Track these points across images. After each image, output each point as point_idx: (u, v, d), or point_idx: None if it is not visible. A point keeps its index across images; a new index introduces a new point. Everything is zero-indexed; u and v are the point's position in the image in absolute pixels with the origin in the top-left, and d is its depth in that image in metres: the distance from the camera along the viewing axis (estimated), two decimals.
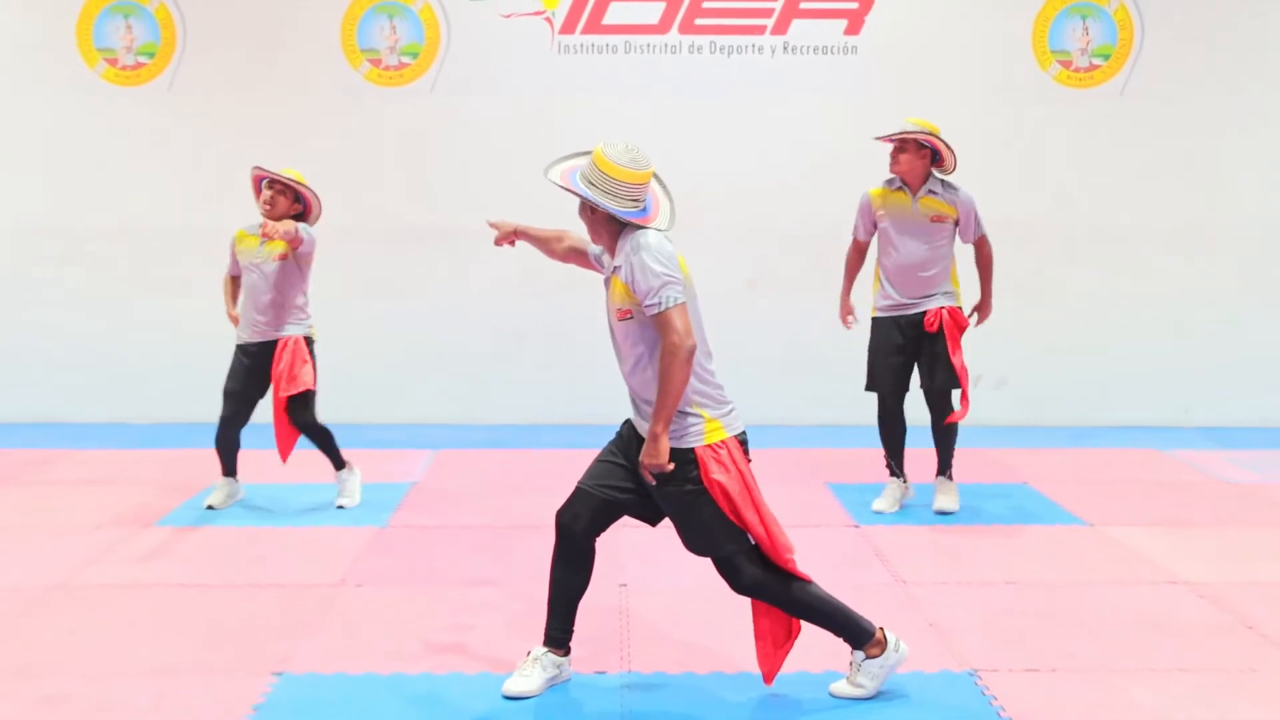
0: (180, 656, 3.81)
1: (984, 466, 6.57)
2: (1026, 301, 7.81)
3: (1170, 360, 7.86)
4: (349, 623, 4.14)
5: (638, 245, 3.28)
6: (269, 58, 7.74)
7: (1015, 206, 7.66)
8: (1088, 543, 5.17)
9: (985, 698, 3.52)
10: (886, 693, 3.53)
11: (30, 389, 7.85)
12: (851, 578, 4.66)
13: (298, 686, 3.59)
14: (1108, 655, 3.84)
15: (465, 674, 3.68)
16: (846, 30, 7.75)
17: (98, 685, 3.58)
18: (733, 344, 3.42)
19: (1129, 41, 7.73)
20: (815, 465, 6.49)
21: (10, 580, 4.57)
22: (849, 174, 7.24)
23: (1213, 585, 4.54)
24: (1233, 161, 7.79)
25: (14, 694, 3.51)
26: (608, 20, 7.73)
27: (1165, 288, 7.85)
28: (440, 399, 7.86)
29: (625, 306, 3.33)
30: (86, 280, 7.83)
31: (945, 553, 5.00)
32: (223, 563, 4.83)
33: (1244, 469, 6.62)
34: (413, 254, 7.80)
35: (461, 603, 4.33)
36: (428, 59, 7.77)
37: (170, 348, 7.68)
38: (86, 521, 5.41)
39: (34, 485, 6.17)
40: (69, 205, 7.80)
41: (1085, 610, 4.27)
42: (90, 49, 7.74)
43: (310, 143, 7.60)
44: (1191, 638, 4.01)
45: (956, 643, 3.95)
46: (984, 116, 7.64)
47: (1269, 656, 3.84)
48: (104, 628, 4.08)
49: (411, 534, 5.30)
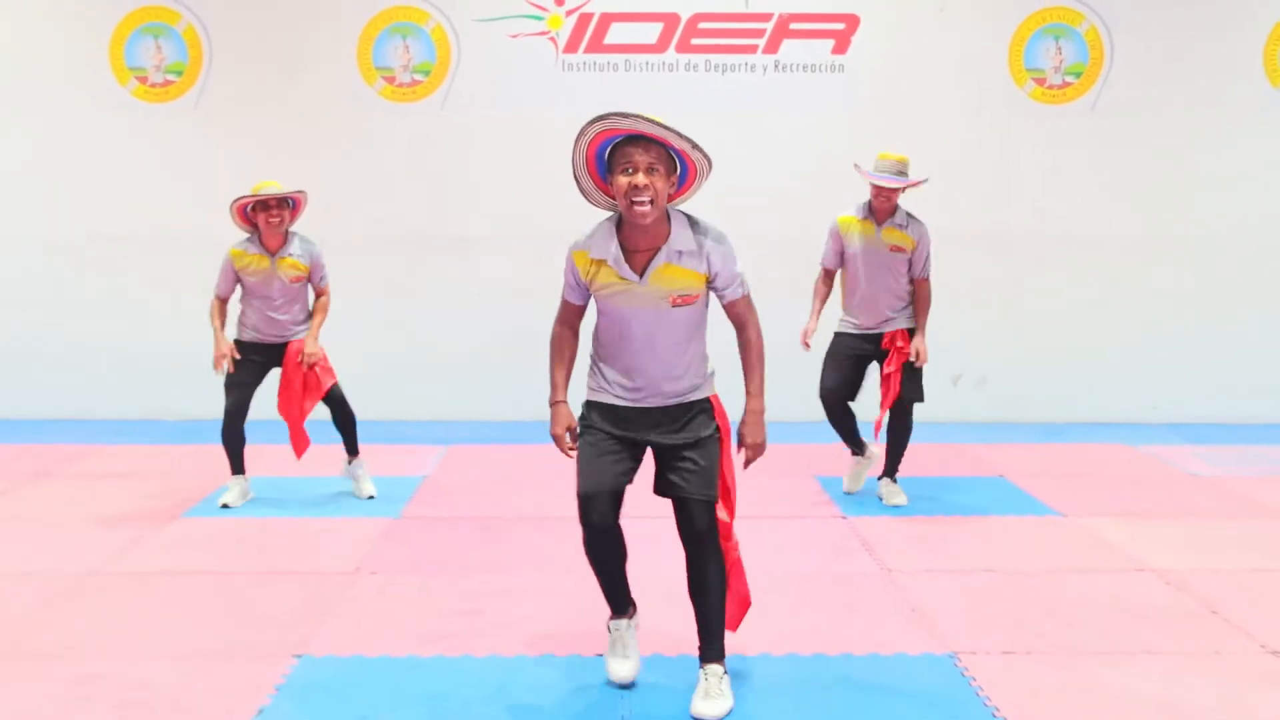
0: (206, 639, 3.81)
1: (964, 461, 6.58)
2: (1004, 306, 7.84)
3: (1138, 360, 7.87)
4: (365, 608, 4.15)
5: (720, 236, 3.23)
6: (289, 76, 7.74)
7: (992, 217, 7.68)
8: (1061, 532, 5.17)
9: (965, 679, 3.52)
10: (872, 674, 3.53)
11: (66, 388, 7.86)
12: (839, 566, 4.67)
13: (317, 667, 3.59)
14: (1080, 638, 3.84)
15: (474, 656, 3.68)
16: (834, 50, 7.75)
17: (129, 666, 3.58)
18: (728, 344, 3.41)
19: (1099, 60, 7.73)
20: (804, 459, 6.49)
21: (45, 567, 4.57)
22: (837, 185, 7.24)
23: (1179, 572, 4.55)
24: (1195, 173, 7.80)
25: (50, 675, 3.51)
26: (609, 40, 7.73)
27: (1134, 293, 7.86)
28: (451, 397, 7.87)
29: (690, 293, 3.19)
30: (118, 286, 7.83)
31: (927, 542, 5.00)
32: (245, 552, 4.83)
33: (1207, 463, 6.62)
34: (425, 260, 7.79)
35: (471, 589, 4.33)
36: (439, 76, 7.77)
37: (195, 349, 7.62)
38: (117, 513, 5.41)
39: (68, 478, 6.17)
40: (101, 215, 7.80)
41: (1059, 596, 4.27)
42: (122, 67, 7.74)
43: (328, 155, 7.61)
44: (1159, 622, 4.01)
45: (938, 627, 3.95)
46: (963, 131, 7.65)
47: (1232, 639, 3.85)
48: (134, 613, 4.08)
49: (423, 524, 5.29)
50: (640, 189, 3.05)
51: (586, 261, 3.24)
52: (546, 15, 7.72)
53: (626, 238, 3.20)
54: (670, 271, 3.18)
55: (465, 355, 7.84)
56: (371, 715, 3.26)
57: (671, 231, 3.19)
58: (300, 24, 7.74)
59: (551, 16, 7.72)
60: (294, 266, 5.35)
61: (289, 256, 5.34)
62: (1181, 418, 7.86)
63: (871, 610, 4.13)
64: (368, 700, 3.35)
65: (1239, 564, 4.69)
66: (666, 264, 3.18)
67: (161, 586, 4.36)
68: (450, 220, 7.81)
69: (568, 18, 7.71)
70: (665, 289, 3.19)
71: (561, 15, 7.70)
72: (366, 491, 5.66)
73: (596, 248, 3.22)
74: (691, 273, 3.19)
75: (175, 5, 7.70)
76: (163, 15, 7.71)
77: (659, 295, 3.19)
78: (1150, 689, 3.43)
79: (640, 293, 3.19)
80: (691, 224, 3.23)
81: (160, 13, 7.71)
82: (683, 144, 3.09)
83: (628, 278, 3.18)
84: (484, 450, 6.89)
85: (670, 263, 3.18)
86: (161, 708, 3.28)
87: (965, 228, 5.64)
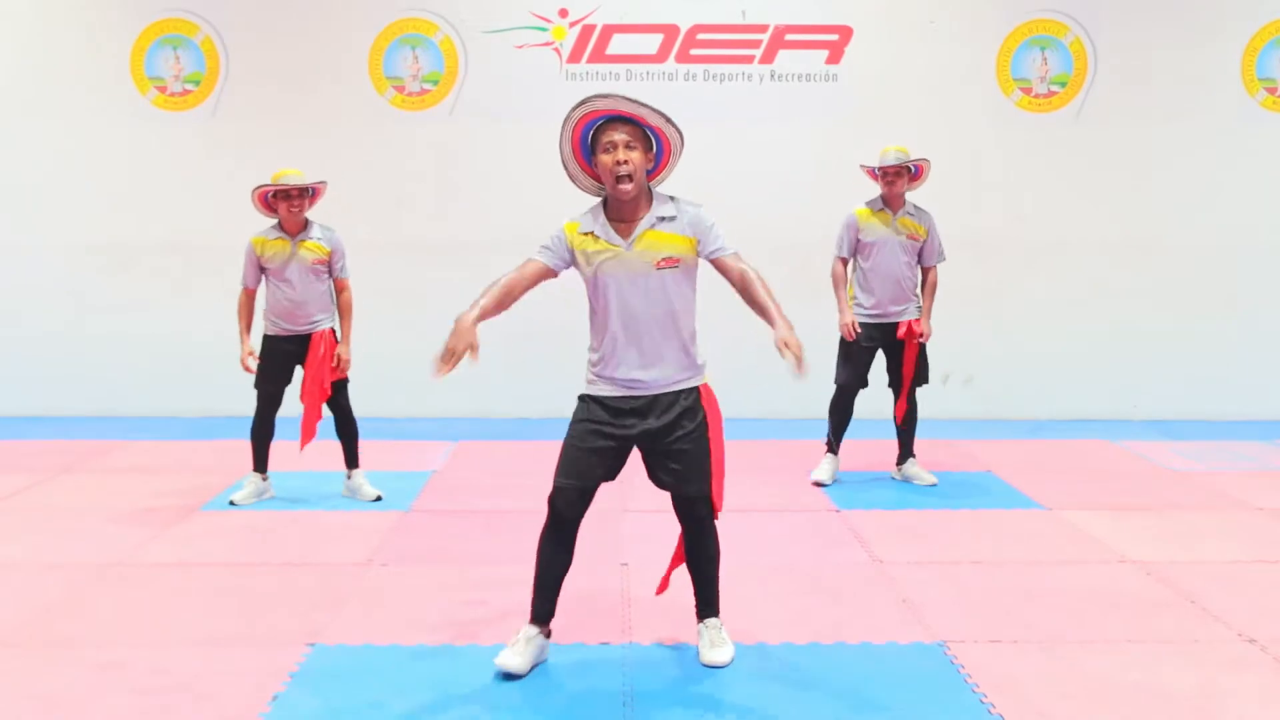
0: (223, 628, 3.82)
1: (951, 456, 6.58)
2: (990, 308, 7.83)
3: (1119, 359, 7.87)
4: (376, 598, 4.15)
5: (697, 205, 3.41)
6: (303, 85, 7.74)
7: (979, 220, 7.68)
8: (1045, 525, 5.17)
9: (954, 666, 3.52)
10: (864, 662, 3.53)
11: (91, 385, 7.87)
12: (832, 557, 4.67)
13: (330, 656, 3.59)
14: (1063, 628, 3.84)
15: (481, 645, 3.68)
16: (828, 60, 7.75)
17: (150, 654, 3.58)
18: (725, 344, 3.42)
19: (1083, 71, 7.73)
20: (799, 455, 6.49)
21: (70, 558, 4.58)
22: (831, 190, 7.26)
23: (1158, 564, 4.55)
24: (1175, 179, 7.80)
25: (75, 661, 3.52)
26: (611, 50, 7.73)
27: (1115, 295, 7.85)
28: (459, 394, 7.83)
29: (674, 255, 3.35)
30: (141, 288, 7.84)
31: (917, 535, 5.00)
32: (261, 544, 4.83)
33: (1186, 458, 6.62)
34: (434, 263, 7.78)
35: (478, 580, 4.33)
36: (447, 86, 7.77)
37: (214, 348, 7.65)
38: (139, 506, 5.41)
39: (94, 473, 6.17)
40: (123, 220, 7.80)
41: (1043, 587, 4.27)
42: (142, 77, 7.74)
43: (340, 162, 7.58)
44: (1139, 611, 4.02)
45: (927, 617, 3.95)
46: (952, 138, 7.64)
47: (1210, 628, 3.85)
48: (155, 602, 4.09)
49: (433, 518, 5.30)
50: (621, 163, 3.28)
51: (577, 233, 3.41)
52: (551, 27, 7.72)
53: (612, 214, 3.40)
54: (654, 235, 3.36)
55: None
56: (382, 702, 3.26)
57: (653, 205, 3.40)
58: (313, 35, 7.74)
59: (556, 28, 7.71)
60: (315, 249, 5.32)
61: (309, 240, 5.32)
62: (1161, 415, 7.86)
63: (863, 601, 4.14)
64: (378, 687, 3.35)
65: (1216, 555, 4.69)
66: (650, 229, 3.36)
67: (181, 577, 4.37)
68: (458, 224, 7.81)
69: (571, 29, 7.71)
70: (652, 253, 3.35)
71: (565, 27, 7.70)
72: (370, 495, 5.55)
73: (586, 222, 3.43)
74: (675, 235, 3.36)
75: (194, 17, 7.70)
76: (182, 27, 7.71)
77: (647, 260, 3.35)
78: (1132, 675, 3.43)
79: (628, 258, 3.35)
80: (671, 199, 3.43)
81: (179, 24, 7.71)
82: (657, 120, 3.34)
83: (615, 243, 3.36)
84: (491, 446, 6.89)
85: (654, 228, 3.36)
86: (181, 693, 3.29)
87: (953, 231, 5.66)
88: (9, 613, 3.94)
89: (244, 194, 5.41)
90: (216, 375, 7.68)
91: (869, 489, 5.81)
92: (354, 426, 5.55)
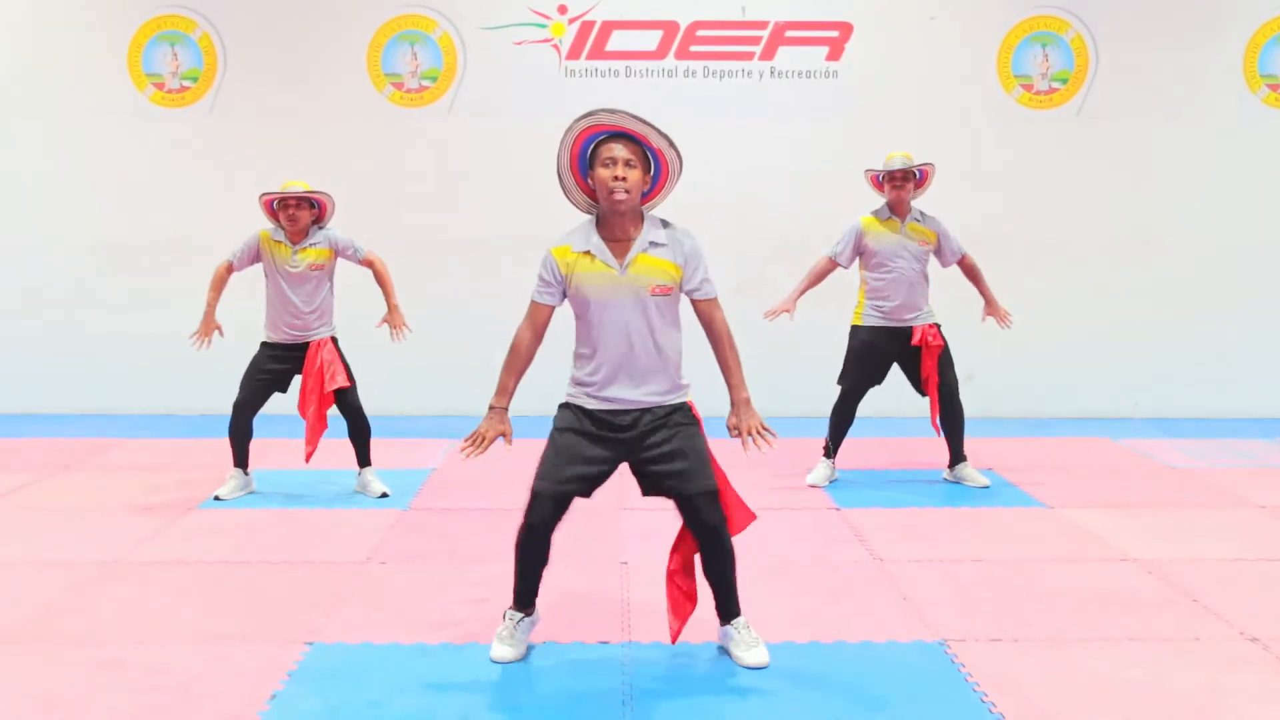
0: (222, 626, 3.82)
1: None
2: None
3: (1120, 357, 7.88)
4: (374, 596, 4.15)
5: (688, 233, 3.40)
6: (301, 81, 7.73)
7: (980, 217, 7.66)
8: (1046, 523, 5.17)
9: (954, 665, 3.52)
10: (864, 660, 3.53)
11: (90, 383, 7.88)
12: (833, 556, 4.67)
13: (328, 654, 3.59)
14: (1064, 626, 3.84)
15: (480, 643, 3.67)
16: (828, 57, 7.75)
17: (149, 652, 3.58)
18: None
19: (1084, 67, 7.73)
20: (798, 453, 6.48)
21: (69, 556, 4.58)
22: (830, 188, 7.26)
23: (1159, 562, 4.55)
24: (1175, 176, 7.80)
25: (74, 660, 3.52)
26: (610, 47, 7.73)
27: (1116, 292, 7.85)
28: (458, 393, 7.83)
29: (668, 283, 3.35)
30: (139, 285, 7.84)
31: (917, 533, 5.00)
32: (260, 542, 4.83)
33: (1187, 456, 6.63)
34: (433, 260, 7.78)
35: (477, 578, 4.33)
36: (446, 82, 7.76)
37: (214, 345, 7.67)
38: (137, 503, 5.41)
39: (93, 470, 6.17)
40: (120, 217, 7.80)
41: (1044, 585, 4.27)
42: (140, 74, 7.73)
43: (339, 158, 7.60)
44: (1140, 609, 4.02)
45: (928, 615, 3.95)
46: (953, 135, 7.64)
47: (1210, 626, 3.85)
48: (153, 600, 4.09)
49: (431, 516, 5.30)
50: (619, 179, 3.26)
51: (568, 256, 3.37)
52: (550, 23, 7.71)
53: (605, 232, 3.36)
54: (646, 260, 3.34)
55: (472, 352, 7.79)
56: (381, 700, 3.26)
57: (645, 228, 3.38)
58: (311, 31, 7.74)
59: (555, 24, 7.71)
60: (315, 254, 5.39)
61: (309, 247, 5.39)
62: (1162, 413, 7.87)
63: (864, 599, 4.14)
64: (377, 686, 3.35)
65: (1217, 553, 4.69)
66: (643, 254, 3.34)
67: (179, 575, 4.37)
68: (457, 221, 7.80)
69: (570, 25, 7.70)
70: (646, 279, 3.33)
71: (564, 23, 7.70)
72: (378, 490, 5.58)
73: (579, 242, 3.38)
74: (667, 263, 3.36)
75: (192, 14, 7.70)
76: (179, 23, 7.71)
77: (640, 285, 3.34)
78: (1133, 674, 3.43)
79: (622, 283, 3.34)
80: (663, 223, 3.41)
81: (177, 21, 7.70)
82: (660, 142, 3.30)
83: (611, 265, 3.33)
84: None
85: (646, 253, 3.34)
86: (179, 691, 3.29)
87: (954, 229, 5.65)
88: (7, 610, 3.94)
89: (242, 190, 5.43)
90: (215, 373, 7.65)
91: (869, 488, 5.81)
92: (366, 426, 5.58)
